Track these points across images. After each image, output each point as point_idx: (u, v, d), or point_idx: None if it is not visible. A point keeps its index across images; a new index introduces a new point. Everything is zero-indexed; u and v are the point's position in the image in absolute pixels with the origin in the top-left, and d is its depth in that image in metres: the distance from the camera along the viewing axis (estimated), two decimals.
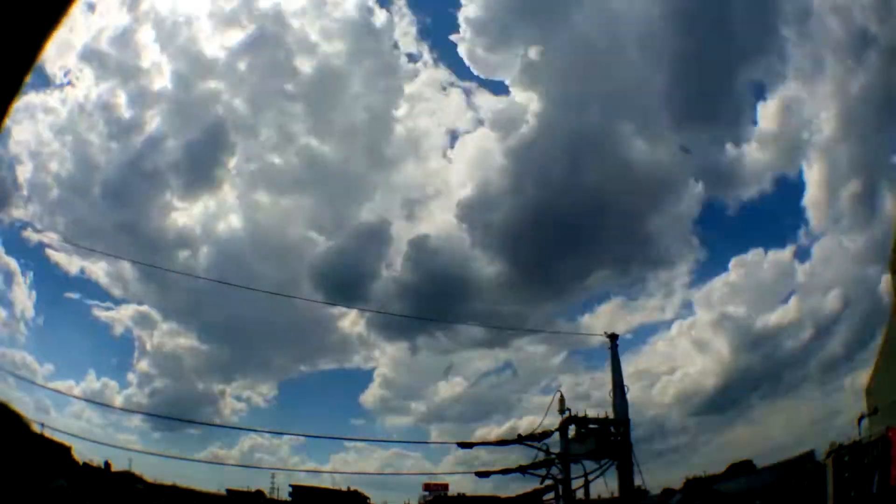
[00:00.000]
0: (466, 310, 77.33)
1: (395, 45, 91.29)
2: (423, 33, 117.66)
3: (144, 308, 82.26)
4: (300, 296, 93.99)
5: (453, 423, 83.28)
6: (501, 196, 79.94)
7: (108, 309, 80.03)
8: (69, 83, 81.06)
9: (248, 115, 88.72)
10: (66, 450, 38.27)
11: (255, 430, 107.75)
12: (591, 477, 24.08)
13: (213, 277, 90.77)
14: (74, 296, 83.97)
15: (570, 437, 24.38)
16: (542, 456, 25.05)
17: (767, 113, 78.83)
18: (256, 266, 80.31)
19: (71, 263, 77.74)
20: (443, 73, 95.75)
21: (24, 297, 74.11)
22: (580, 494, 24.50)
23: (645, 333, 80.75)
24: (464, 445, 28.50)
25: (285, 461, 68.06)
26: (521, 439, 25.48)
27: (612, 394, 24.73)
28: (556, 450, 24.78)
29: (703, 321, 76.76)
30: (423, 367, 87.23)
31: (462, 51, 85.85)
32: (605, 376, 25.59)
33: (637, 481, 24.62)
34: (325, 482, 58.71)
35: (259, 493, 56.72)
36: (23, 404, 39.92)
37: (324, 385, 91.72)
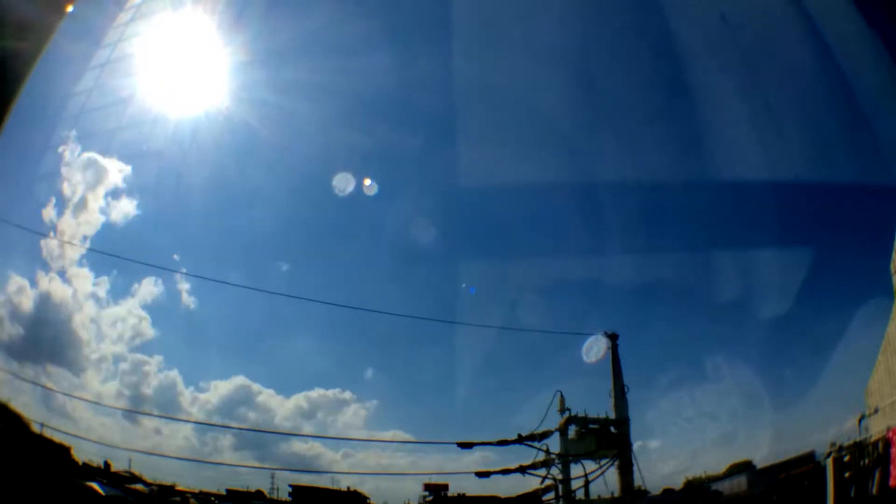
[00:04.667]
0: None
1: None
2: None
3: None
4: None
5: None
6: None
7: None
8: None
9: None
10: (65, 450, 38.20)
11: (254, 431, 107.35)
12: (591, 477, 24.20)
13: None
14: None
15: (570, 437, 24.56)
16: (542, 456, 25.11)
17: None
18: None
19: None
20: None
21: None
22: (580, 494, 24.61)
23: None
24: (463, 446, 28.42)
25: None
26: (521, 439, 25.49)
27: (612, 394, 24.92)
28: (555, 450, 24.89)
29: None
30: None
31: None
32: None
33: (637, 481, 24.78)
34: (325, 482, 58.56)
35: (259, 493, 56.61)
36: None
37: None
